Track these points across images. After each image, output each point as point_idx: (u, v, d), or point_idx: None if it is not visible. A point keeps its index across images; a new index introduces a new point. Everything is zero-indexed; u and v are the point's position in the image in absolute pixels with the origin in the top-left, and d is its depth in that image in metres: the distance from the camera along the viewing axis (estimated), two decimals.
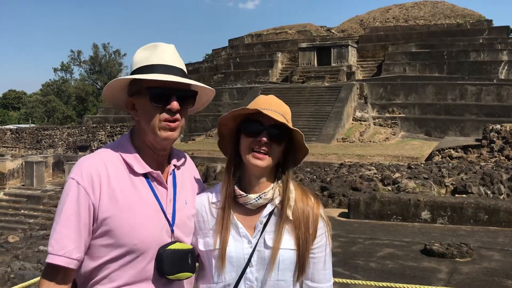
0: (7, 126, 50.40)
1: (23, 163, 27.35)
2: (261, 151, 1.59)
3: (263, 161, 1.59)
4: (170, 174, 1.68)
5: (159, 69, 1.57)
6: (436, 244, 6.18)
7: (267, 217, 1.63)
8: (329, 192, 10.26)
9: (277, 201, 1.64)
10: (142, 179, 1.59)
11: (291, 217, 1.62)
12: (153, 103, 1.56)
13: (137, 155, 1.61)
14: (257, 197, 1.63)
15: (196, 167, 1.93)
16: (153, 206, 1.58)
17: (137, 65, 1.61)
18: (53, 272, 1.51)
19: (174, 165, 1.70)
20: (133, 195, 1.56)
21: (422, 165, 14.45)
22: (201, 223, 1.68)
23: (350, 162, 17.88)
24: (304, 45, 38.98)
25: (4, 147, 41.24)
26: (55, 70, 69.73)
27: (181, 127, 1.62)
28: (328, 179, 11.37)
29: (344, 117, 29.74)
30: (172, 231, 1.60)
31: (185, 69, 1.66)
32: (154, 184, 1.61)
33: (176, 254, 1.56)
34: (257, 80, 37.51)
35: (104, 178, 1.53)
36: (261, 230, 1.62)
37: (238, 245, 1.62)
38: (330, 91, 32.41)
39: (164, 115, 1.56)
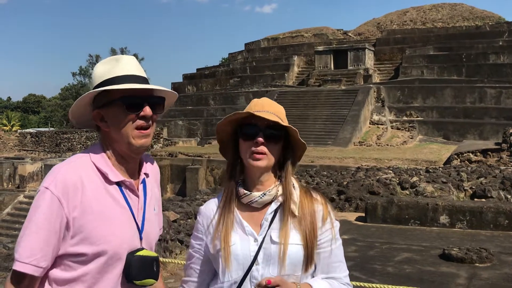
0: (27, 130, 51.23)
1: (43, 166, 27.78)
2: (259, 151, 1.64)
3: (262, 161, 1.64)
4: (141, 182, 1.73)
5: (126, 79, 1.62)
6: (455, 249, 6.10)
7: (272, 214, 1.67)
8: (346, 196, 10.20)
9: (281, 198, 1.68)
10: (116, 187, 1.63)
11: (296, 213, 1.65)
12: (128, 111, 1.60)
13: (110, 163, 1.64)
14: (261, 194, 1.66)
15: (213, 170, 1.97)
16: (126, 214, 1.63)
17: (102, 78, 1.64)
18: (18, 279, 1.54)
19: (145, 173, 1.75)
20: (108, 204, 1.60)
21: (441, 169, 14.26)
22: (210, 227, 1.72)
23: (367, 166, 17.74)
24: (320, 48, 38.89)
25: (24, 150, 41.90)
26: (74, 74, 70.74)
27: (153, 134, 1.69)
28: (345, 183, 11.30)
29: (361, 121, 29.56)
30: (141, 238, 1.67)
31: (147, 78, 1.73)
32: (127, 192, 1.66)
33: (144, 260, 1.61)
34: (273, 84, 37.53)
35: (79, 188, 1.55)
36: (267, 227, 1.65)
37: (244, 244, 1.65)
38: (346, 94, 32.26)
39: (138, 122, 1.62)
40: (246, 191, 1.68)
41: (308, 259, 1.63)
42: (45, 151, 41.08)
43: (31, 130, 51.16)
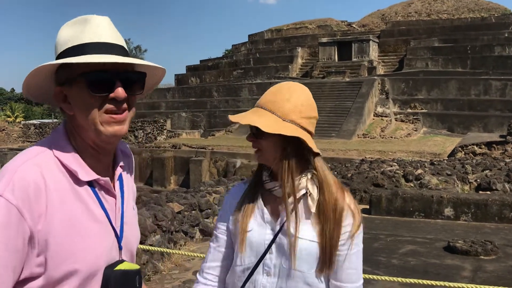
0: (31, 121, 51.34)
1: None
2: (253, 147, 1.66)
3: (259, 158, 1.66)
4: (118, 178, 1.40)
5: (95, 48, 1.25)
6: (459, 241, 6.08)
7: (292, 205, 1.63)
8: (350, 188, 10.17)
9: (302, 192, 1.64)
10: (87, 188, 1.29)
11: (313, 210, 1.60)
12: (92, 92, 1.24)
13: (78, 158, 1.29)
14: (280, 184, 1.65)
15: (216, 162, 1.88)
16: (102, 221, 1.31)
17: (65, 46, 1.27)
18: None
19: (121, 166, 1.43)
20: (79, 211, 1.26)
21: (445, 161, 14.22)
22: (235, 209, 1.72)
23: (371, 158, 17.70)
24: (324, 40, 38.70)
25: (28, 141, 42.05)
26: None
27: (130, 119, 1.33)
28: (349, 175, 11.28)
29: (365, 113, 29.47)
30: (120, 248, 1.36)
31: (126, 46, 1.34)
32: (101, 193, 1.33)
33: (125, 276, 1.32)
34: (276, 76, 37.40)
35: (42, 191, 1.19)
36: (284, 218, 1.64)
37: (261, 231, 1.64)
38: (350, 86, 32.15)
39: (108, 106, 1.25)
40: (268, 178, 1.68)
41: (326, 259, 1.57)
42: None
43: (34, 121, 51.27)
